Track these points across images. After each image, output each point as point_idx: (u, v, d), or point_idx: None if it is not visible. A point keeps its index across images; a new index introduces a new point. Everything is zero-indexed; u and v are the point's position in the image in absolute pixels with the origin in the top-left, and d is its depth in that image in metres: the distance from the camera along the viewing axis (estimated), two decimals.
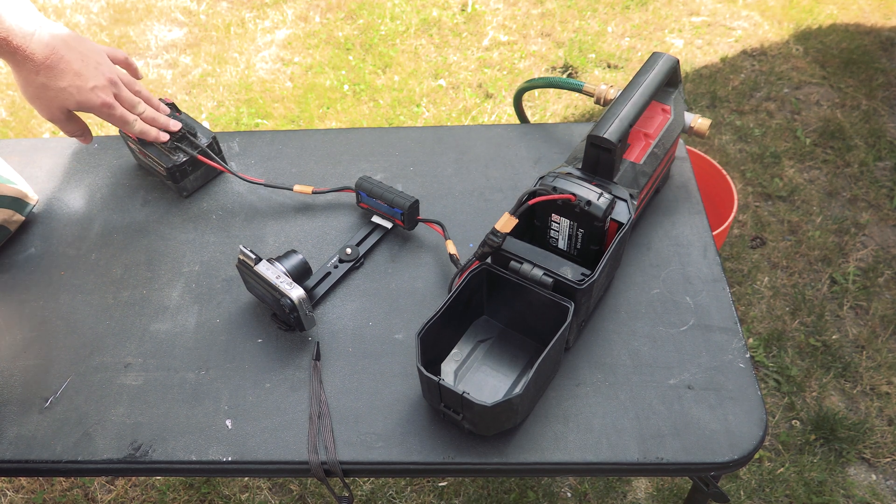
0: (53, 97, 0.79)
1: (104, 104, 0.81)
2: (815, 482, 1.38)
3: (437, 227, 0.87)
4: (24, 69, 0.77)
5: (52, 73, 0.77)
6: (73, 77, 0.78)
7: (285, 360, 0.78)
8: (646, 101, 0.78)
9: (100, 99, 0.80)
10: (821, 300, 1.68)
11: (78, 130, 0.86)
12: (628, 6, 2.60)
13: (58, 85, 0.78)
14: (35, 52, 0.75)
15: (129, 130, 0.86)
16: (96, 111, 0.81)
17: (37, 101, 0.80)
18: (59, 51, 0.77)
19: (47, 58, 0.76)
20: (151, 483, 1.43)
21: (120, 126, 0.85)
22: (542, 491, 1.39)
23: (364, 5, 2.65)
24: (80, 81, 0.79)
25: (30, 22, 0.76)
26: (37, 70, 0.76)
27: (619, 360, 0.76)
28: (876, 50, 2.36)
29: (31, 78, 0.77)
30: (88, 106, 0.80)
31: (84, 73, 0.79)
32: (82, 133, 0.87)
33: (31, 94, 0.79)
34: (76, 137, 0.88)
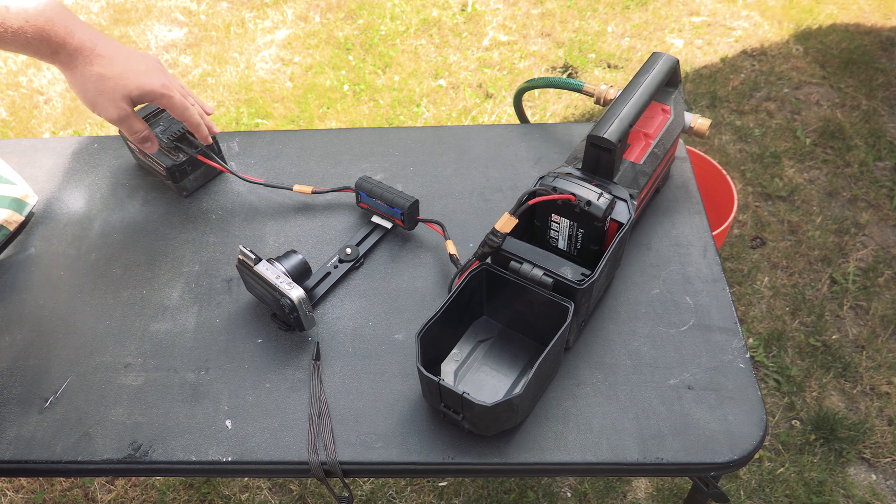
0: (114, 86, 0.74)
1: (164, 85, 0.77)
2: (815, 482, 1.38)
3: (437, 227, 0.87)
4: (77, 63, 0.73)
5: (105, 60, 0.73)
6: (125, 62, 0.75)
7: (285, 360, 0.78)
8: (646, 101, 0.78)
9: (159, 80, 0.77)
10: (821, 300, 1.68)
11: (145, 131, 0.81)
12: (628, 6, 2.60)
13: (115, 71, 0.74)
14: (85, 42, 0.72)
15: (187, 118, 0.81)
16: (155, 94, 0.77)
17: (101, 97, 0.75)
18: (103, 39, 0.74)
19: (96, 45, 0.73)
20: (151, 483, 1.43)
21: (179, 113, 0.80)
22: (542, 491, 1.39)
23: (364, 5, 2.65)
24: (132, 65, 0.75)
25: (67, 17, 0.72)
26: (90, 60, 0.73)
27: (619, 360, 0.76)
28: (876, 50, 2.36)
29: (87, 71, 0.73)
30: (149, 89, 0.76)
31: (134, 57, 0.76)
32: (148, 136, 0.82)
33: (92, 88, 0.74)
34: (142, 143, 0.82)
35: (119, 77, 0.74)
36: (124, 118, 0.78)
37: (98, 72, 0.73)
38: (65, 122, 2.25)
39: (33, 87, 2.37)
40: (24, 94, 2.36)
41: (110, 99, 0.75)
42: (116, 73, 0.74)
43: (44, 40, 0.70)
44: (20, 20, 0.68)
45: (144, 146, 0.83)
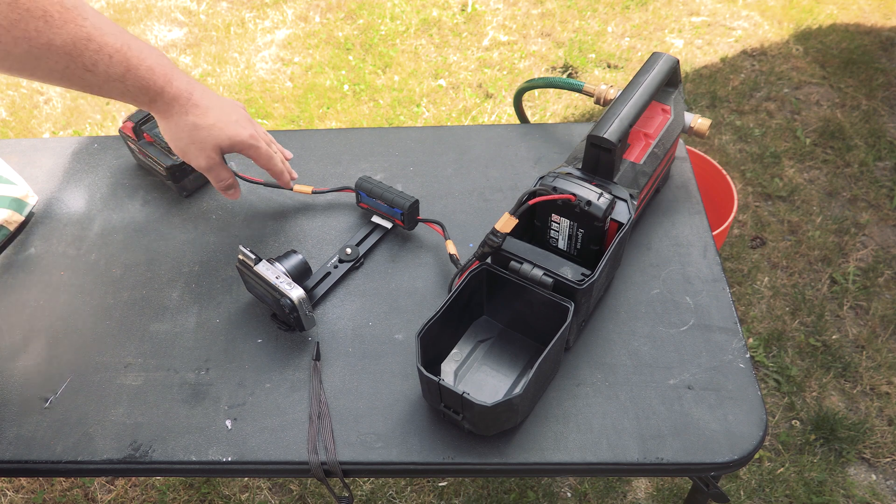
0: (206, 136, 0.75)
1: (251, 136, 0.78)
2: (815, 482, 1.38)
3: (437, 227, 0.87)
4: (173, 112, 0.73)
5: (200, 111, 0.74)
6: (218, 112, 0.75)
7: (285, 360, 0.78)
8: (646, 101, 0.78)
9: (247, 131, 0.78)
10: (821, 300, 1.68)
11: (231, 179, 0.82)
12: (628, 6, 2.60)
13: (207, 122, 0.74)
14: (182, 91, 0.72)
15: (271, 167, 0.82)
16: (244, 145, 0.78)
17: (193, 146, 0.75)
18: (198, 88, 0.74)
19: (192, 94, 0.73)
20: (151, 483, 1.43)
21: (264, 162, 0.81)
22: (542, 491, 1.39)
23: (364, 5, 2.65)
24: (224, 116, 0.76)
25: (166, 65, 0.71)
26: (186, 110, 0.73)
27: (619, 360, 0.76)
28: (876, 50, 2.36)
29: (183, 120, 0.73)
30: (238, 139, 0.77)
31: (224, 107, 0.76)
32: (233, 184, 0.83)
33: (185, 137, 0.75)
34: (227, 191, 0.82)
35: (211, 127, 0.74)
36: (213, 167, 0.78)
37: (192, 121, 0.74)
38: (65, 122, 2.25)
39: (33, 87, 2.37)
40: (24, 94, 2.36)
41: (201, 149, 0.76)
42: (209, 123, 0.74)
43: (143, 89, 0.69)
44: (121, 68, 0.66)
45: (227, 193, 0.83)
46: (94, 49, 0.63)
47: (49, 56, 0.61)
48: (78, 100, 2.32)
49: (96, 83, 0.66)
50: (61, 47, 0.61)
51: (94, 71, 0.64)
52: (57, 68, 0.63)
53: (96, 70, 0.65)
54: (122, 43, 0.66)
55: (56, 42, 0.61)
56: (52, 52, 0.61)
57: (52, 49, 0.61)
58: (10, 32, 0.58)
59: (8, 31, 0.57)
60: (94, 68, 0.64)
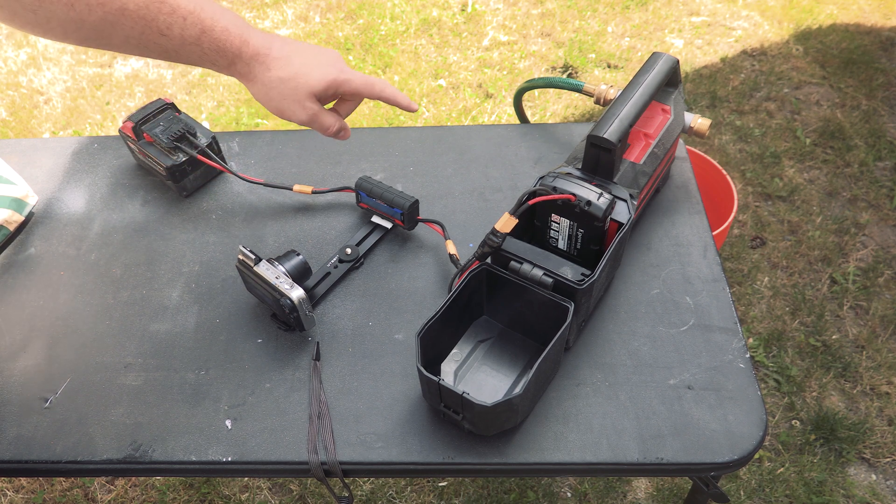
0: (294, 86, 0.71)
1: (341, 70, 0.73)
2: (815, 482, 1.38)
3: (437, 227, 0.87)
4: (256, 72, 0.70)
5: (281, 63, 0.70)
6: (300, 58, 0.71)
7: (285, 360, 0.78)
8: (646, 101, 0.78)
9: (335, 67, 0.73)
10: (821, 300, 1.68)
11: (338, 123, 0.76)
12: (628, 6, 2.60)
13: (292, 71, 0.70)
14: (259, 48, 0.69)
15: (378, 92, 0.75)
16: (336, 83, 0.72)
17: (285, 101, 0.71)
18: (276, 41, 0.71)
19: (270, 49, 0.69)
20: (151, 483, 1.43)
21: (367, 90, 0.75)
22: (542, 491, 1.39)
23: (364, 5, 2.65)
24: (310, 59, 0.71)
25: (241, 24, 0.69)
26: (267, 66, 0.69)
27: (619, 360, 0.76)
28: (876, 50, 2.36)
29: (267, 78, 0.70)
30: (329, 78, 0.72)
31: (308, 52, 0.72)
32: (341, 125, 0.77)
33: (276, 95, 0.71)
34: (336, 134, 0.77)
35: (297, 76, 0.71)
36: (314, 117, 0.74)
37: (276, 76, 0.70)
38: (65, 122, 2.25)
39: (33, 87, 2.37)
40: (24, 94, 2.36)
41: (296, 100, 0.72)
42: (294, 71, 0.70)
43: (220, 51, 0.67)
44: (196, 30, 0.64)
45: (339, 136, 0.77)
46: (167, 12, 0.62)
47: (124, 22, 0.60)
48: (78, 100, 2.32)
49: (172, 48, 0.65)
50: (135, 11, 0.60)
51: (168, 35, 0.63)
52: (133, 35, 0.62)
53: (171, 34, 0.63)
54: (195, 4, 0.64)
55: (129, 7, 0.60)
56: (127, 17, 0.60)
57: (126, 14, 0.60)
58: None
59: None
60: (168, 32, 0.63)
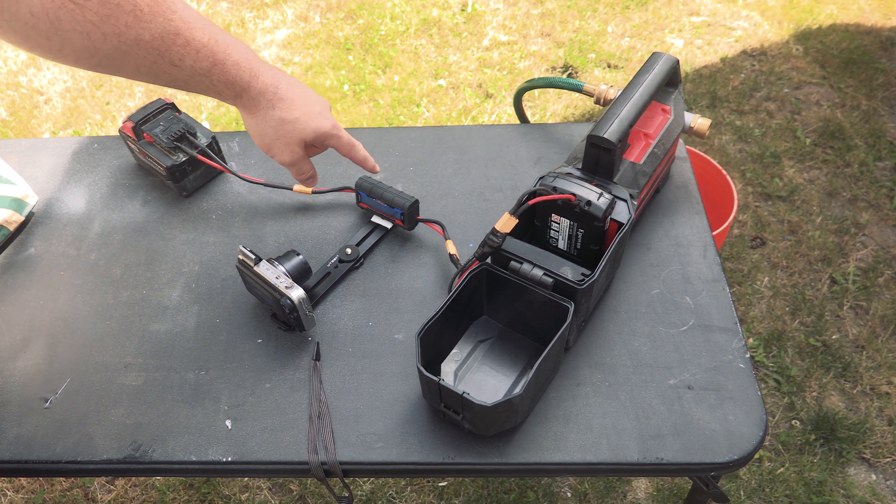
0: (292, 130, 0.73)
1: (334, 126, 0.76)
2: (815, 482, 1.38)
3: (437, 227, 0.87)
4: (259, 107, 0.71)
5: (285, 105, 0.71)
6: (302, 105, 0.73)
7: (285, 360, 0.78)
8: (646, 101, 0.78)
9: (329, 121, 0.75)
10: (821, 300, 1.68)
11: (312, 171, 0.80)
12: (628, 6, 2.60)
13: (293, 115, 0.72)
14: (268, 85, 0.70)
15: (355, 154, 0.80)
16: (327, 136, 0.76)
17: (278, 141, 0.73)
18: (283, 79, 0.72)
19: (277, 88, 0.71)
20: (151, 483, 1.43)
21: (346, 150, 0.79)
22: (542, 491, 1.39)
23: (364, 5, 2.65)
24: (308, 108, 0.73)
25: (251, 58, 0.69)
26: (272, 104, 0.71)
27: (619, 360, 0.76)
28: (876, 50, 2.36)
29: (269, 115, 0.71)
30: (321, 131, 0.75)
31: (309, 98, 0.74)
32: (314, 174, 0.81)
33: (271, 133, 0.73)
34: (307, 181, 0.80)
35: (297, 121, 0.72)
36: (297, 161, 0.77)
37: (279, 116, 0.71)
38: (65, 122, 2.25)
39: (33, 87, 2.37)
40: (24, 94, 2.35)
41: (287, 143, 0.74)
42: (294, 117, 0.72)
43: (229, 84, 0.67)
44: (208, 63, 0.64)
45: (307, 183, 0.81)
46: (181, 44, 0.61)
47: (137, 52, 0.59)
48: (78, 100, 2.32)
49: (182, 78, 0.64)
50: (149, 42, 0.59)
51: (180, 66, 0.62)
52: (144, 64, 0.61)
53: (183, 65, 0.63)
54: (209, 37, 0.63)
55: (145, 38, 0.58)
56: (141, 47, 0.59)
57: (141, 45, 0.59)
58: (100, 28, 0.55)
59: (97, 28, 0.55)
60: (180, 63, 0.62)
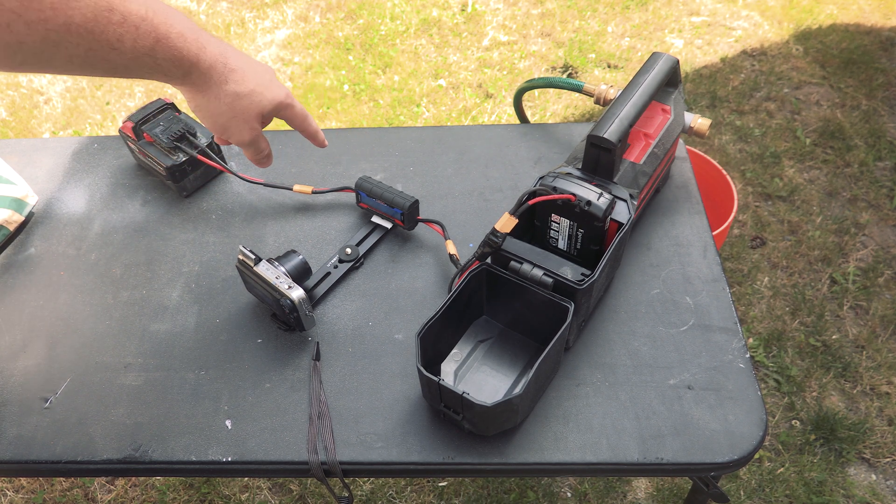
0: (248, 104, 0.66)
1: (287, 94, 0.70)
2: (815, 482, 1.38)
3: (437, 227, 0.87)
4: (211, 83, 0.64)
5: (238, 77, 0.65)
6: (253, 75, 0.66)
7: (285, 360, 0.78)
8: (646, 101, 0.78)
9: (283, 89, 0.69)
10: (821, 300, 1.68)
11: (268, 148, 0.74)
12: (628, 6, 2.60)
13: (248, 87, 0.66)
14: (217, 56, 0.63)
15: (307, 126, 0.75)
16: (283, 107, 0.70)
17: (236, 119, 0.67)
18: (230, 50, 0.65)
19: (227, 58, 0.64)
20: (151, 483, 1.43)
21: (300, 122, 0.74)
22: (542, 491, 1.39)
23: (364, 5, 2.65)
24: (259, 77, 0.67)
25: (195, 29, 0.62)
26: (224, 78, 0.64)
27: (619, 360, 0.76)
28: (876, 50, 2.36)
29: (222, 91, 0.65)
30: (276, 101, 0.69)
31: (255, 67, 0.67)
32: (269, 153, 0.75)
33: (227, 111, 0.66)
34: (262, 161, 0.74)
35: (252, 94, 0.66)
36: (256, 139, 0.70)
37: (233, 90, 0.65)
38: (65, 122, 2.25)
39: (33, 87, 2.37)
40: (24, 94, 2.35)
41: (245, 120, 0.67)
42: (249, 89, 0.66)
43: (176, 61, 0.59)
44: (150, 39, 0.56)
45: (264, 163, 0.75)
46: (117, 21, 0.53)
47: (69, 39, 0.52)
48: (78, 100, 2.32)
49: (122, 63, 0.56)
50: (82, 25, 0.51)
51: (120, 49, 0.55)
52: (78, 53, 0.53)
53: (123, 47, 0.55)
54: (146, 9, 0.56)
55: (76, 20, 0.51)
56: (72, 33, 0.51)
57: (72, 30, 0.51)
58: (23, 17, 0.48)
59: (20, 16, 0.48)
60: (119, 45, 0.55)
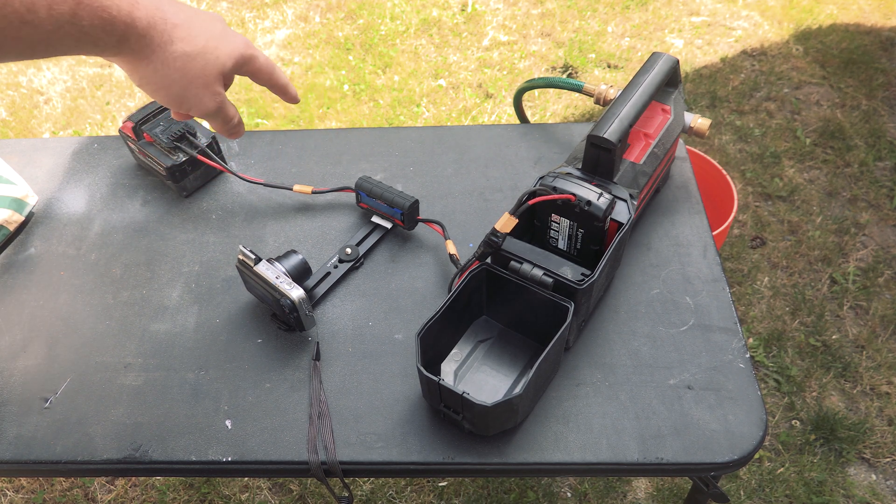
0: (203, 64, 0.56)
1: (246, 43, 0.60)
2: (815, 482, 1.38)
3: (437, 227, 0.87)
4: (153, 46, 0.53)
5: (183, 32, 0.54)
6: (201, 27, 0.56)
7: (285, 360, 0.78)
8: (646, 101, 0.78)
9: (240, 38, 0.59)
10: (821, 300, 1.68)
11: (236, 114, 0.64)
12: (628, 6, 2.60)
13: (199, 44, 0.55)
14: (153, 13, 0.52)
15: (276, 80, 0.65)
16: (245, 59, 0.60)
17: (193, 85, 0.56)
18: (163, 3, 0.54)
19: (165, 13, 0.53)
20: (151, 483, 1.43)
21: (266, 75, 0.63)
22: (542, 491, 1.39)
23: (364, 5, 2.65)
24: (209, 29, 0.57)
25: None
26: (169, 37, 0.53)
27: (619, 360, 0.76)
28: (876, 50, 2.36)
29: (168, 53, 0.54)
30: (237, 55, 0.58)
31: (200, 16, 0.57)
32: (239, 119, 0.65)
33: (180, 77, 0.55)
34: (233, 130, 0.64)
35: (205, 51, 0.55)
36: (221, 105, 0.60)
37: (182, 51, 0.54)
38: (65, 122, 2.25)
39: (33, 87, 2.37)
40: (24, 94, 2.35)
41: (204, 84, 0.57)
42: (201, 45, 0.55)
43: (107, 25, 0.49)
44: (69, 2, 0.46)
45: (234, 132, 0.65)
46: None
47: None
48: (78, 100, 2.32)
49: (39, 38, 0.46)
50: None
51: (33, 21, 0.45)
52: None
53: (37, 16, 0.45)
54: None
55: None
56: None
57: None
58: None
59: None
60: (32, 16, 0.45)
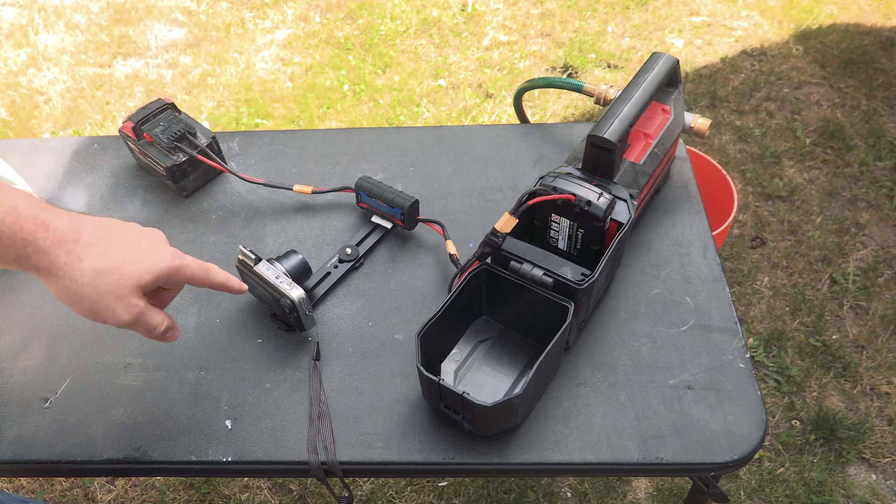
0: (117, 279, 0.57)
1: (175, 254, 0.61)
2: (815, 482, 1.38)
3: (437, 227, 0.87)
4: (59, 263, 0.55)
5: (97, 251, 0.56)
6: (122, 245, 0.58)
7: (285, 360, 0.78)
8: (646, 101, 0.78)
9: (167, 251, 0.61)
10: (821, 300, 1.68)
11: (165, 320, 0.62)
12: (628, 6, 2.60)
13: (114, 261, 0.57)
14: (64, 234, 0.55)
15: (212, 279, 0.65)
16: (171, 271, 0.60)
17: (105, 299, 0.57)
18: (87, 224, 0.57)
19: (79, 234, 0.56)
20: (151, 483, 1.43)
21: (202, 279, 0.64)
22: (542, 491, 1.39)
23: (364, 5, 2.65)
24: (132, 245, 0.59)
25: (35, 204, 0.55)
26: (77, 255, 0.55)
27: (619, 360, 0.76)
28: (876, 50, 2.36)
29: (77, 270, 0.55)
30: (160, 266, 0.59)
31: (128, 234, 0.60)
32: (169, 324, 0.63)
33: (90, 292, 0.56)
34: (164, 335, 0.63)
35: (121, 267, 0.57)
36: (140, 316, 0.59)
37: (92, 267, 0.56)
38: (65, 122, 2.25)
39: (33, 87, 2.37)
40: (24, 94, 2.35)
41: (118, 297, 0.57)
42: (116, 262, 0.57)
43: (8, 240, 0.51)
44: None
45: (167, 337, 0.64)
46: None
47: None
48: (78, 100, 2.32)
49: None
50: None
51: None
52: None
53: None
54: None
55: None
56: None
57: None
58: None
59: None
60: None
